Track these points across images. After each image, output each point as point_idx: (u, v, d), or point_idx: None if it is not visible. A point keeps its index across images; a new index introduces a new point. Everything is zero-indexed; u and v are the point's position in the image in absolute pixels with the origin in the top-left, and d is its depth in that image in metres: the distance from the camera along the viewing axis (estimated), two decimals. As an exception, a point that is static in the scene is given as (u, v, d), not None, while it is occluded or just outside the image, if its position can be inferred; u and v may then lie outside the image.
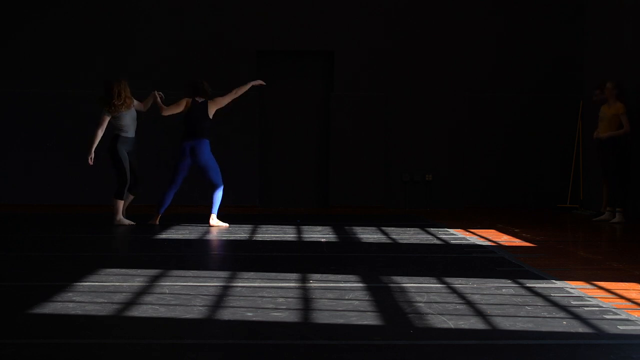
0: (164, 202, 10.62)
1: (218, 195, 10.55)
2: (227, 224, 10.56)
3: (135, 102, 10.75)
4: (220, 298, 5.70)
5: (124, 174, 10.50)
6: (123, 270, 6.90)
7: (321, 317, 5.11)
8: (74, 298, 5.64)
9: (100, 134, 10.52)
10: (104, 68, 14.04)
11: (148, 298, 5.67)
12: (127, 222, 10.55)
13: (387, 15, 14.27)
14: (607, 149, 11.72)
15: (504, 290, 6.06)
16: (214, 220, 10.53)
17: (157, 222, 10.61)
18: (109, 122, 10.54)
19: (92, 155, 10.58)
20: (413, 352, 4.37)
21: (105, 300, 5.58)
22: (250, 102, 13.89)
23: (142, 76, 14.07)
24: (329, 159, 14.24)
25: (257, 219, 11.48)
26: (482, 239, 9.37)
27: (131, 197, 10.85)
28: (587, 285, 6.30)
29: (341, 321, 5.01)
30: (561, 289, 6.09)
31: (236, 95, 10.69)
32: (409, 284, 6.30)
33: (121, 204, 10.56)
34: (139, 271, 6.81)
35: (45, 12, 14.07)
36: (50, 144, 13.94)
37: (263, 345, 4.51)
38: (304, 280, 6.45)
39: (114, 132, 10.56)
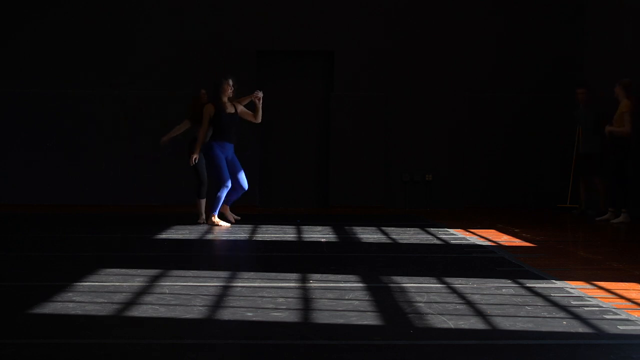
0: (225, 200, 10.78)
1: (218, 194, 10.49)
2: (228, 224, 10.55)
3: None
4: (220, 298, 5.70)
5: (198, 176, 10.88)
6: (123, 270, 6.90)
7: (321, 317, 5.11)
8: (74, 298, 5.64)
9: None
10: (104, 68, 14.06)
11: (148, 298, 5.67)
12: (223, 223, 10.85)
13: (387, 15, 14.27)
14: (609, 148, 11.74)
15: (504, 290, 6.06)
16: (214, 219, 10.51)
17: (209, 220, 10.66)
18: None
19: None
20: (413, 352, 4.37)
21: (105, 300, 5.57)
22: (250, 102, 13.88)
23: (142, 76, 14.09)
24: (329, 159, 14.24)
25: (257, 219, 11.47)
26: (482, 239, 9.37)
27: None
28: (587, 285, 6.30)
29: (341, 321, 5.00)
30: (561, 289, 6.09)
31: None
32: (409, 284, 6.30)
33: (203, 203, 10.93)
34: (139, 271, 6.81)
35: (45, 12, 14.07)
36: (50, 144, 13.94)
37: (263, 345, 4.51)
38: (304, 280, 6.45)
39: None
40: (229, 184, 10.47)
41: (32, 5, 14.06)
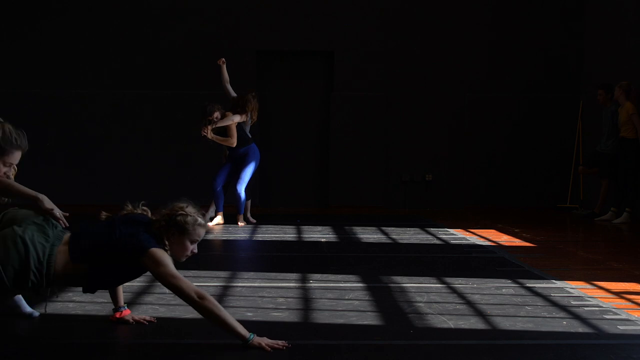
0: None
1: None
2: (221, 221, 10.66)
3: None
4: (220, 298, 5.69)
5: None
6: (123, 270, 6.88)
7: (321, 317, 5.11)
8: (74, 298, 5.64)
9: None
10: (104, 68, 14.06)
11: (148, 298, 5.66)
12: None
13: (387, 16, 14.27)
14: (619, 150, 11.70)
15: (504, 290, 6.06)
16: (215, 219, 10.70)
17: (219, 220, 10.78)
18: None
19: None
20: (413, 352, 4.36)
21: (105, 300, 5.56)
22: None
23: (142, 76, 14.08)
24: (329, 159, 14.24)
25: (257, 219, 11.47)
26: (482, 239, 9.37)
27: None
28: (587, 285, 6.30)
29: (341, 321, 5.00)
30: (561, 289, 6.09)
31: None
32: (409, 284, 6.30)
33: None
34: (139, 271, 6.79)
35: (45, 12, 14.07)
36: (50, 144, 13.93)
37: (263, 345, 4.49)
38: (304, 280, 6.44)
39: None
40: (215, 187, 10.74)
41: (33, 5, 14.06)
